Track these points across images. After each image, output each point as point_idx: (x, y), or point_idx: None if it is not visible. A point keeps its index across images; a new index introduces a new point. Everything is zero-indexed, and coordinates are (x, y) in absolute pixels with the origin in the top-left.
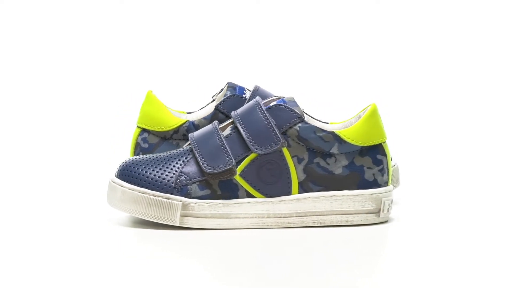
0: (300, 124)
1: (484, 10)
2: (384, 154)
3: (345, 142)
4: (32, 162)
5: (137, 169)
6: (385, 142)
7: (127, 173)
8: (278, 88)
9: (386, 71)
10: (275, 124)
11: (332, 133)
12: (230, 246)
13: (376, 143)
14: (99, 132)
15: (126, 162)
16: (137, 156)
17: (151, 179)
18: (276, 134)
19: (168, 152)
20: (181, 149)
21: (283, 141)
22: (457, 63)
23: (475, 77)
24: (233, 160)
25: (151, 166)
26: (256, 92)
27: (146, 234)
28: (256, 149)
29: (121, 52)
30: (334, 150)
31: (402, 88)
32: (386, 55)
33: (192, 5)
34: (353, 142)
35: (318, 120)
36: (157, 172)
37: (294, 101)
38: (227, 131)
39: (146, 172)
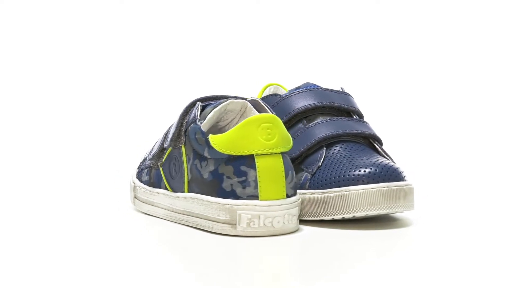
0: (192, 125)
1: (484, 10)
2: (252, 167)
3: (211, 147)
4: (40, 162)
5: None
6: (264, 155)
7: None
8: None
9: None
10: (186, 122)
11: (205, 136)
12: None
13: (244, 153)
14: (101, 132)
15: None
16: None
17: (140, 162)
18: (175, 131)
19: None
20: None
21: (173, 138)
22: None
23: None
24: (156, 151)
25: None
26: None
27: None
28: (164, 142)
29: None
30: (206, 154)
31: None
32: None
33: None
34: (218, 149)
35: None
36: (145, 157)
37: (217, 103)
38: None
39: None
